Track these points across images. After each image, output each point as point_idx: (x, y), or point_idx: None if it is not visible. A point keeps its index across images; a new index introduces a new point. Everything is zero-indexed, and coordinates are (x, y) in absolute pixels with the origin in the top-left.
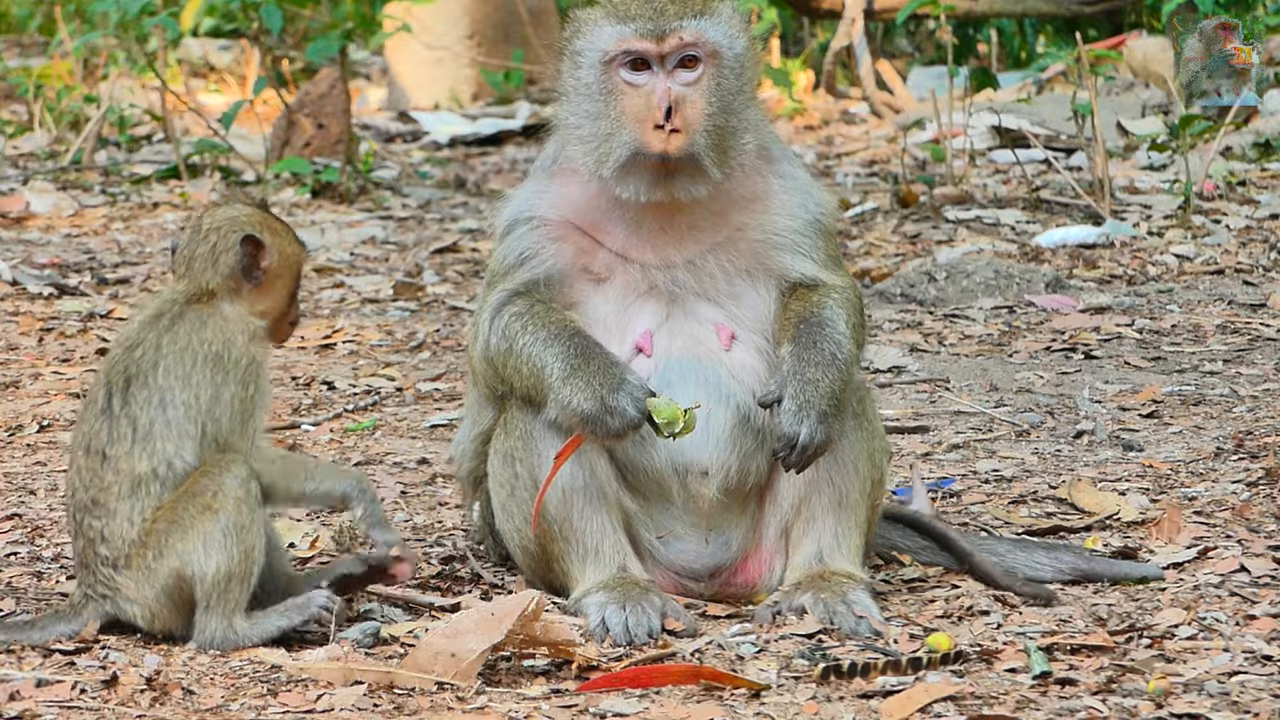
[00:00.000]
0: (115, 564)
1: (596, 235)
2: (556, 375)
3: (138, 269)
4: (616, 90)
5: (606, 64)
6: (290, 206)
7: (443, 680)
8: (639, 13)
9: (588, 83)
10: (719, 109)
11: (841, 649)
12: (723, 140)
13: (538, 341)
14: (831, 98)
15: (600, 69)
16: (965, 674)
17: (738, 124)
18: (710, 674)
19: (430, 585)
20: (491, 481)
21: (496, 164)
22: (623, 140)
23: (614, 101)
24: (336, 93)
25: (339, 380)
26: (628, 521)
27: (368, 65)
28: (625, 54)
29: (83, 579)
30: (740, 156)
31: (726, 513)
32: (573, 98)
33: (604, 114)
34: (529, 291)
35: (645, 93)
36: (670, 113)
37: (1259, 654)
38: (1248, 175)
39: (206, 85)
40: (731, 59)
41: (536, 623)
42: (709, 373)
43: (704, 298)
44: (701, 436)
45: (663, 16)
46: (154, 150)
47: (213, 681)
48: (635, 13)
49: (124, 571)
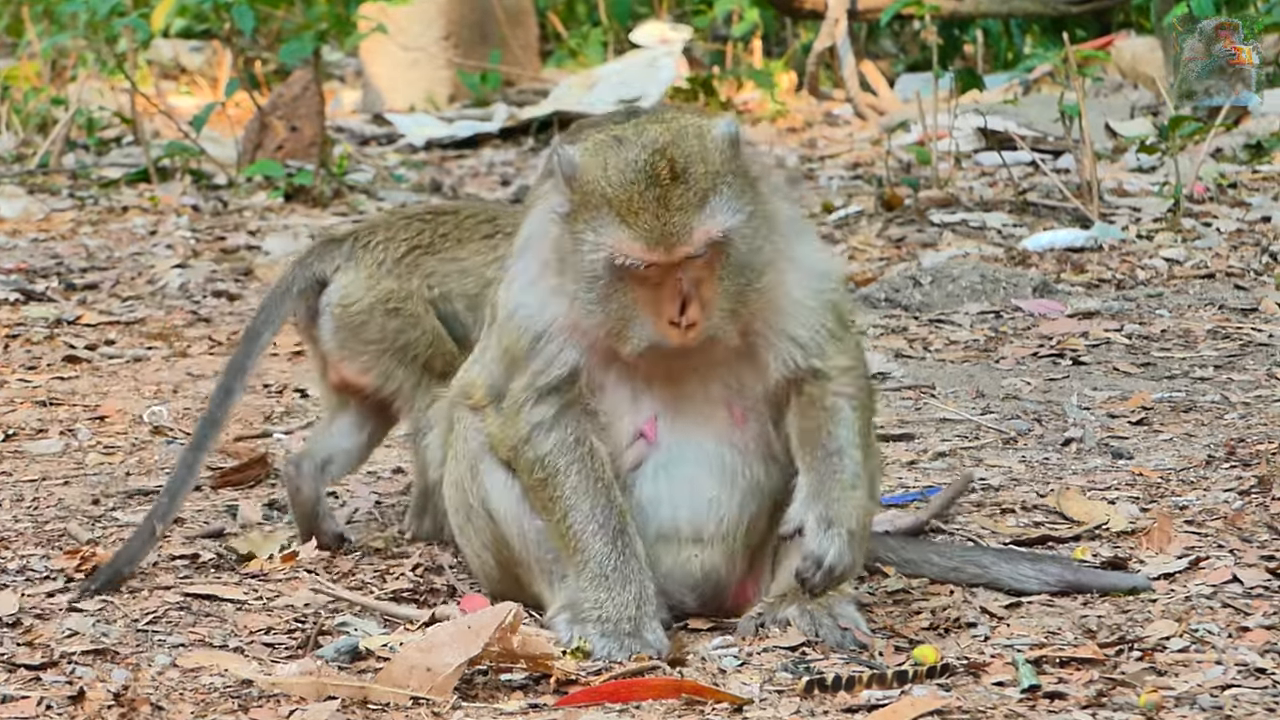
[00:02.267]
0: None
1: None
2: (590, 570)
3: (106, 274)
4: (626, 281)
5: (612, 261)
6: (263, 210)
7: (418, 695)
8: (647, 225)
9: (592, 261)
10: (734, 277)
11: (826, 662)
12: (743, 295)
13: (581, 512)
14: (814, 99)
15: (606, 262)
16: (952, 687)
17: (759, 268)
18: (691, 688)
19: (405, 598)
20: (446, 503)
21: (473, 167)
22: (638, 333)
23: (623, 290)
24: (310, 95)
25: (312, 387)
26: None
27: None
28: (634, 262)
29: None
30: (762, 290)
31: (721, 560)
32: (572, 260)
33: (612, 298)
34: (560, 391)
35: (654, 287)
36: (684, 308)
37: (1252, 667)
38: (1238, 177)
39: (177, 87)
40: (744, 224)
41: (514, 636)
42: (714, 453)
43: (714, 379)
44: (705, 511)
45: (670, 231)
46: (123, 153)
47: (182, 697)
48: (644, 224)
49: None
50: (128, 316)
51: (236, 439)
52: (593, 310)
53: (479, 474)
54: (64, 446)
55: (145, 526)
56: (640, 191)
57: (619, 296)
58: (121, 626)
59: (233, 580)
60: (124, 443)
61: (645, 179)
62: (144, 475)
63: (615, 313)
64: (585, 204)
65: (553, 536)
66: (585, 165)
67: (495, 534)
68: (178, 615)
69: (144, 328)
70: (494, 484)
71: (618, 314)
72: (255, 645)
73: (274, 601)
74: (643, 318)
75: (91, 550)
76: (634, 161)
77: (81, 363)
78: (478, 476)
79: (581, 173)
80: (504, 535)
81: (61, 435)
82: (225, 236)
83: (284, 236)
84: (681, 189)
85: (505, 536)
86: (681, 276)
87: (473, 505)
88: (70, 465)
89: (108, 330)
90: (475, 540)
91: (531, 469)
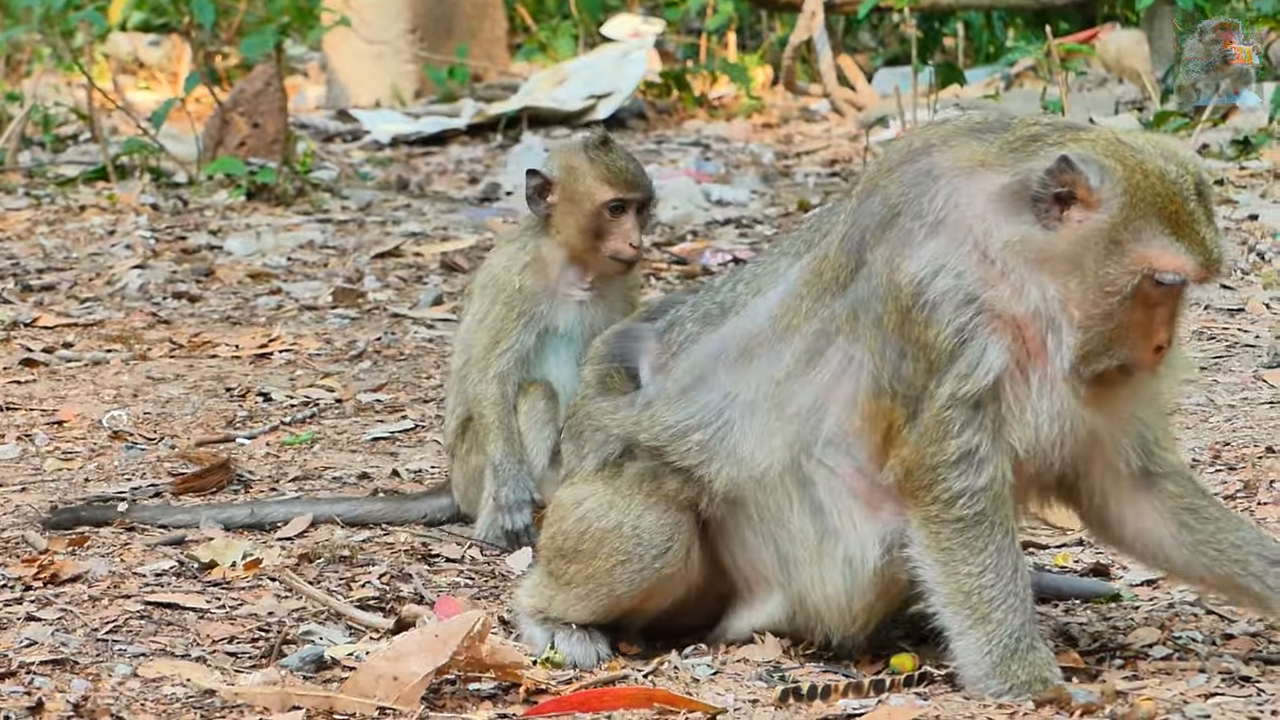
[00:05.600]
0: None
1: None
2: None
3: (64, 275)
4: (1136, 300)
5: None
6: (224, 209)
7: (384, 705)
8: (1203, 244)
9: (1118, 275)
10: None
11: (801, 671)
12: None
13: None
14: (791, 94)
15: (1140, 277)
16: (929, 696)
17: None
18: (664, 697)
19: (371, 605)
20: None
21: (440, 164)
22: (1116, 353)
23: (1129, 309)
24: (272, 90)
25: (275, 391)
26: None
27: (305, 61)
28: (1175, 279)
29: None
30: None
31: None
32: (1084, 270)
33: (1115, 315)
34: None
35: (1153, 309)
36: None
37: (1237, 675)
38: (1225, 174)
39: (136, 82)
40: None
41: (482, 644)
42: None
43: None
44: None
45: (1220, 252)
46: (80, 150)
47: (143, 708)
48: (1199, 242)
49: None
50: (86, 318)
51: (199, 444)
52: (1088, 325)
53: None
54: (21, 452)
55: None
56: (1188, 198)
57: (1119, 314)
58: (81, 636)
59: (195, 589)
60: (83, 448)
61: (1194, 194)
62: (103, 481)
63: (1109, 331)
64: (1128, 218)
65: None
66: (1123, 177)
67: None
68: (139, 624)
69: (103, 330)
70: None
71: (1110, 333)
72: (218, 654)
73: (237, 610)
74: (1130, 339)
75: (50, 558)
76: (1179, 175)
77: (39, 366)
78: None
79: (1121, 184)
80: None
81: (19, 440)
82: (186, 236)
83: (246, 236)
84: (1208, 203)
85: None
86: (1179, 301)
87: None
88: (28, 471)
89: (65, 333)
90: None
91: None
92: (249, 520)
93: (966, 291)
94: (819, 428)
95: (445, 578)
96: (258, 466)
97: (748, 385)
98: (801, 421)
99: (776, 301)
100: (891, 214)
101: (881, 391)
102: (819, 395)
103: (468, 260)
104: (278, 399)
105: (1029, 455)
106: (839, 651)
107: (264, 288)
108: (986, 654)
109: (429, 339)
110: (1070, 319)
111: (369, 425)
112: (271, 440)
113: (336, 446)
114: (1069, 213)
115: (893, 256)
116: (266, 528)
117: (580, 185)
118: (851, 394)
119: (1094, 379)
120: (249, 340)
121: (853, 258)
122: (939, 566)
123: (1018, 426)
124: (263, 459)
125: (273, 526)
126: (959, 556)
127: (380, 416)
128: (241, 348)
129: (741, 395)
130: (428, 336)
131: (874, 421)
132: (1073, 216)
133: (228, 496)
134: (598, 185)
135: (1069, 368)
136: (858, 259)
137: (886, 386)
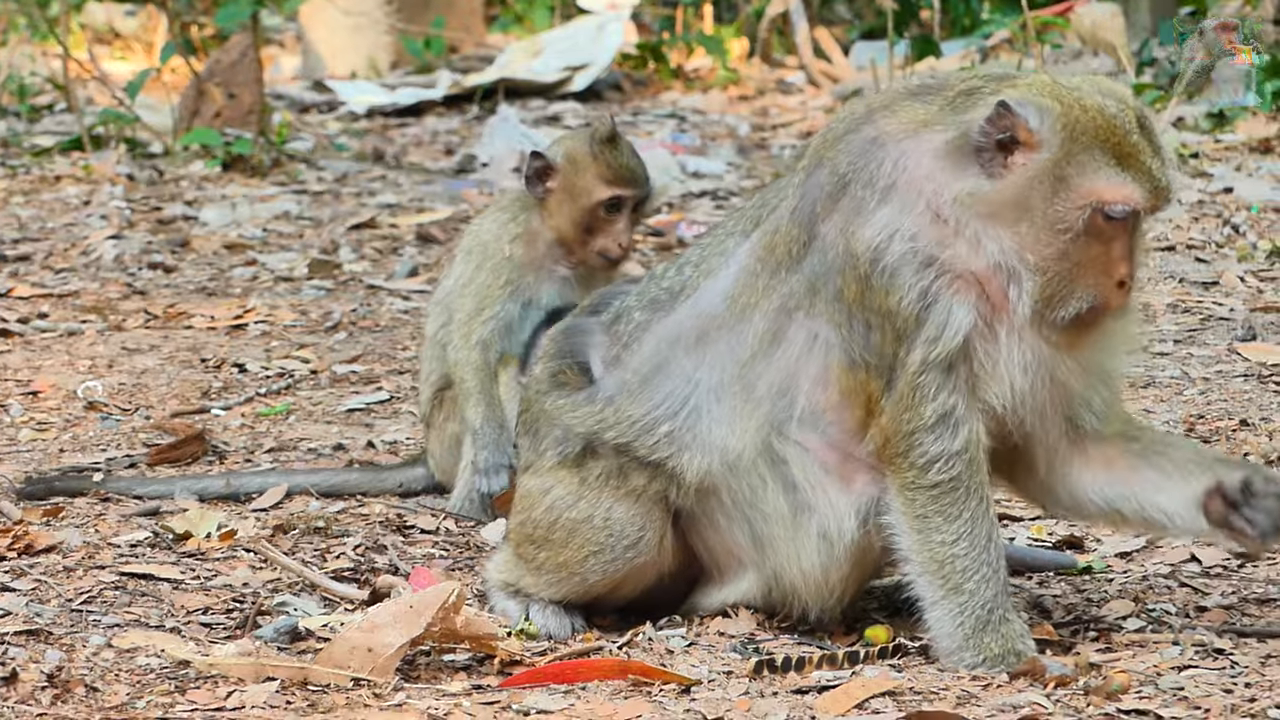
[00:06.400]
0: None
1: None
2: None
3: (39, 245)
4: (1090, 236)
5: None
6: (200, 180)
7: (359, 676)
8: (1147, 171)
9: (1067, 211)
10: (1140, 251)
11: (775, 643)
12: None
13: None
14: (767, 66)
15: (1089, 210)
16: (904, 668)
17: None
18: (639, 669)
19: (346, 577)
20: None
21: (417, 135)
22: (1080, 294)
23: (1081, 246)
24: (248, 61)
25: (251, 362)
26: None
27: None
28: (1124, 210)
29: None
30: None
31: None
32: (1034, 210)
33: (1069, 255)
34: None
35: (1108, 244)
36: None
37: (1210, 647)
38: (1200, 147)
39: (111, 52)
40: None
41: (457, 616)
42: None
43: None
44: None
45: (1166, 178)
46: (56, 121)
47: (117, 678)
48: (1143, 169)
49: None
50: (61, 289)
51: (173, 415)
52: (1045, 267)
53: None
54: None
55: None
56: (1130, 130)
57: (1074, 253)
58: (55, 606)
59: (169, 559)
60: (57, 418)
61: (1136, 126)
62: (78, 451)
63: (1066, 271)
64: (1070, 153)
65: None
66: (1061, 114)
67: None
68: (113, 595)
69: (78, 300)
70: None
71: (1067, 272)
72: (192, 625)
73: (211, 581)
74: (1091, 278)
75: (24, 529)
76: (1119, 109)
77: (13, 336)
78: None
79: (1059, 121)
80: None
81: None
82: (161, 207)
83: (221, 207)
84: (1152, 136)
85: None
86: (1135, 234)
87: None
88: (2, 441)
89: (40, 303)
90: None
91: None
92: (224, 491)
93: (924, 254)
94: (791, 407)
95: (420, 549)
96: (233, 438)
97: (710, 369)
98: (772, 402)
99: (730, 282)
100: (841, 184)
101: (856, 365)
102: (787, 374)
103: (443, 232)
104: (253, 370)
105: (1005, 411)
106: (815, 624)
107: (239, 259)
108: (959, 625)
109: (404, 310)
110: (1027, 264)
111: (344, 396)
112: (246, 411)
113: (311, 418)
114: (1013, 158)
115: (846, 226)
116: (241, 499)
117: (580, 179)
118: (821, 370)
119: (1065, 327)
120: (224, 311)
121: (804, 230)
122: (914, 534)
123: (993, 383)
124: (238, 430)
125: (247, 497)
126: (933, 524)
127: (355, 388)
128: (217, 319)
129: (705, 380)
130: (403, 308)
131: (853, 396)
132: (1017, 161)
133: (203, 467)
134: (596, 183)
135: (1031, 314)
136: (809, 232)
137: (859, 359)
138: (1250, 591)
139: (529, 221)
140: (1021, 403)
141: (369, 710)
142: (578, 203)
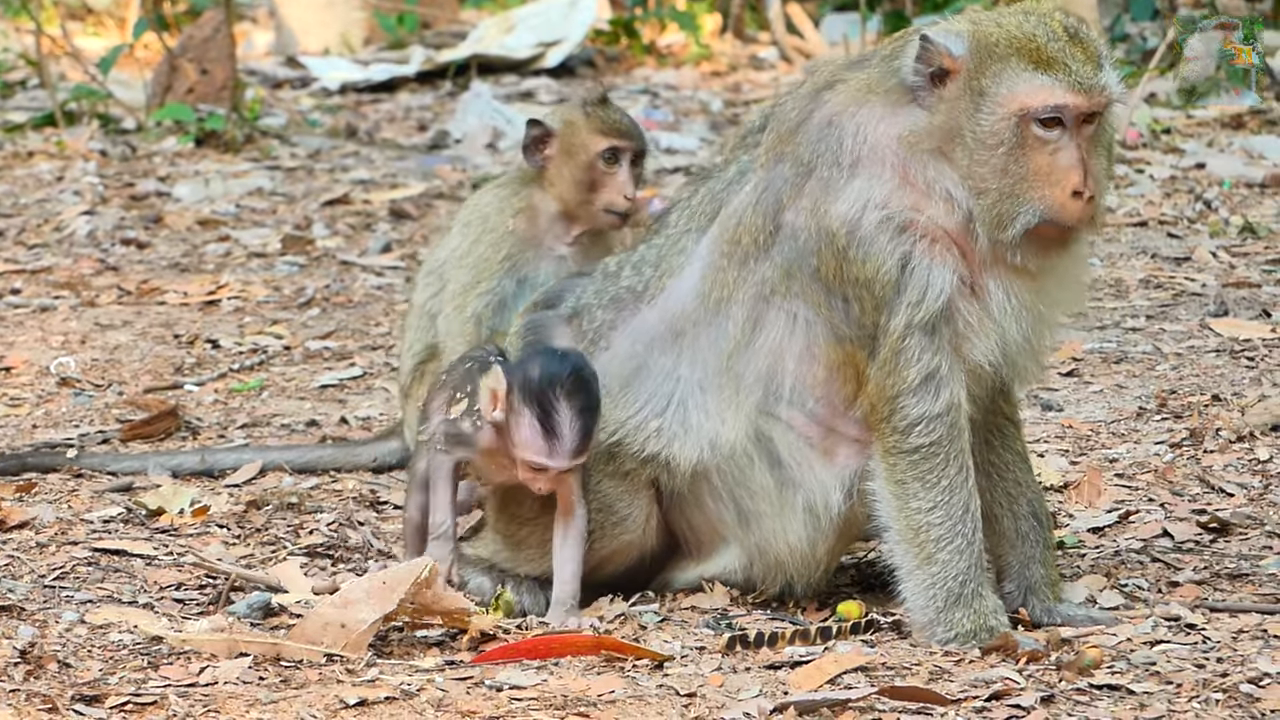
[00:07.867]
0: None
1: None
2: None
3: (11, 221)
4: (1027, 147)
5: (1024, 114)
6: (173, 156)
7: (332, 652)
8: (1065, 68)
9: (994, 123)
10: (1103, 161)
11: (748, 618)
12: (1106, 186)
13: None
14: (739, 42)
15: (1014, 118)
16: (876, 644)
17: (1111, 164)
18: (612, 644)
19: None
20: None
21: (390, 112)
22: (1029, 209)
23: (1021, 158)
24: (221, 36)
25: (224, 338)
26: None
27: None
28: (1048, 110)
29: None
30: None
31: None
32: (963, 134)
33: (1009, 170)
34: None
35: (1053, 154)
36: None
37: (1183, 622)
38: (1173, 123)
39: (84, 28)
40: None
41: (429, 591)
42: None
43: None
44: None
45: (1087, 74)
46: (29, 97)
47: (90, 654)
48: (1061, 67)
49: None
50: (34, 265)
51: (147, 391)
52: (986, 188)
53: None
54: None
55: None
56: (1051, 38)
57: (1015, 168)
58: (28, 582)
59: (142, 535)
60: (30, 394)
61: (1061, 33)
62: (51, 427)
63: (1009, 187)
64: (985, 65)
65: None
66: (975, 34)
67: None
68: (86, 571)
69: (51, 276)
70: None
71: (1010, 188)
72: (165, 601)
73: (184, 557)
74: (1039, 190)
75: None
76: (1039, 22)
77: None
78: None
79: (974, 40)
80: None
81: None
82: (134, 183)
83: (194, 183)
84: (1083, 43)
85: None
86: (1080, 142)
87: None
88: None
89: (13, 279)
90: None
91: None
92: (198, 467)
93: (899, 220)
94: (780, 389)
95: (393, 525)
96: (206, 413)
97: (692, 365)
98: (763, 387)
99: (698, 279)
100: (806, 171)
101: (842, 338)
102: (772, 357)
103: (416, 208)
104: (226, 346)
105: (997, 365)
106: (798, 597)
107: (212, 234)
108: (931, 599)
109: (378, 286)
110: (972, 190)
111: (317, 372)
112: (220, 387)
113: (285, 394)
114: (943, 90)
115: (816, 207)
116: (215, 474)
117: (576, 138)
118: (805, 347)
119: (1026, 248)
120: (197, 287)
121: (770, 220)
122: (893, 500)
123: (979, 340)
124: (211, 406)
125: (221, 473)
126: (911, 490)
127: (329, 364)
128: (190, 295)
129: (688, 375)
130: (376, 284)
131: (842, 369)
132: (945, 89)
133: (176, 443)
134: (592, 136)
135: (991, 243)
136: (775, 223)
137: (845, 332)
138: (1222, 567)
139: (531, 197)
140: (1019, 351)
141: (341, 685)
142: (576, 159)
